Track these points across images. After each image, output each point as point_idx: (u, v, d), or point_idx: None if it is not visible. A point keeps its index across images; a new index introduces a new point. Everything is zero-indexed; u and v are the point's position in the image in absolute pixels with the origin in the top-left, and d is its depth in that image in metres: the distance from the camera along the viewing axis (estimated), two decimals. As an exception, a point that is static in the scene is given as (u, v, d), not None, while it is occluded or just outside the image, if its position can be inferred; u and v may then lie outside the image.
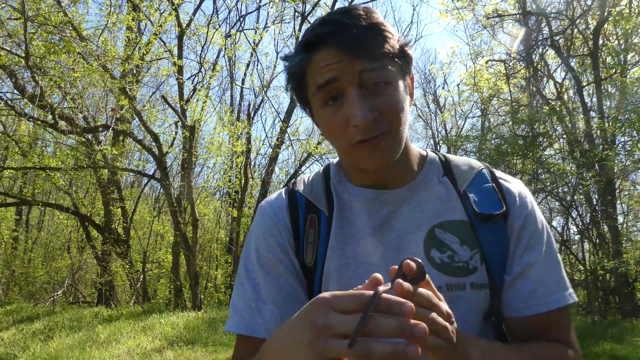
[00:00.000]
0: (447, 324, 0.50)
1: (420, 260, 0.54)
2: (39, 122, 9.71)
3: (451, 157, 0.85)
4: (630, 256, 10.36)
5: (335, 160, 0.89)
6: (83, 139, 9.77)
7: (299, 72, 0.74)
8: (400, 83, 0.72)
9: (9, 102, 9.54)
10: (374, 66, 0.68)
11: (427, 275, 0.54)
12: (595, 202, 9.92)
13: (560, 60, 11.25)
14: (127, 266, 11.31)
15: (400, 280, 0.49)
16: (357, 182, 0.82)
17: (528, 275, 0.74)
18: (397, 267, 0.54)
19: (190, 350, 6.06)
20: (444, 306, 0.52)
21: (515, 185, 0.81)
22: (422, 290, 0.51)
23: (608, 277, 9.37)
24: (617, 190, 10.63)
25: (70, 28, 8.61)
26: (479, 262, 0.73)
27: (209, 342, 6.50)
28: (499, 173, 0.82)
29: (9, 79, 9.43)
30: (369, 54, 0.68)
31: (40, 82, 8.45)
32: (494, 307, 0.75)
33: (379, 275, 0.51)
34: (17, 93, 9.52)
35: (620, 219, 11.75)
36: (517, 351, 0.69)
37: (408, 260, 0.52)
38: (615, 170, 9.32)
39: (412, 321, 0.45)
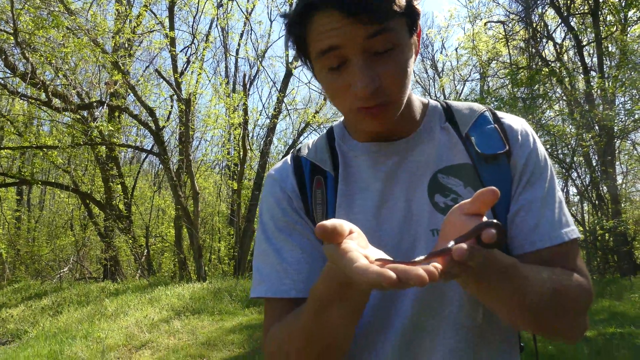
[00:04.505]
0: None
1: (500, 224, 0.48)
2: (32, 101, 9.60)
3: (453, 102, 0.84)
4: (629, 216, 10.45)
5: (339, 120, 0.89)
6: (78, 116, 9.68)
7: (299, 34, 0.70)
8: (407, 43, 0.69)
9: (1, 80, 9.41)
10: (378, 30, 0.64)
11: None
12: (594, 163, 9.93)
13: (560, 20, 11.02)
14: (131, 241, 11.43)
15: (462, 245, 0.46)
16: (361, 139, 0.82)
17: (529, 211, 0.73)
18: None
19: (197, 319, 6.19)
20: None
21: (518, 122, 0.80)
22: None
23: (607, 237, 9.48)
24: (617, 151, 10.61)
25: (58, 2, 8.40)
26: None
27: (215, 311, 6.63)
28: (501, 113, 0.81)
29: (-1, 57, 9.26)
30: (373, 18, 0.63)
31: (30, 59, 8.30)
32: (502, 249, 0.73)
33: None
34: (9, 71, 9.37)
35: (619, 179, 11.78)
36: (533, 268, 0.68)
37: (487, 228, 0.48)
38: (615, 130, 9.27)
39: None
